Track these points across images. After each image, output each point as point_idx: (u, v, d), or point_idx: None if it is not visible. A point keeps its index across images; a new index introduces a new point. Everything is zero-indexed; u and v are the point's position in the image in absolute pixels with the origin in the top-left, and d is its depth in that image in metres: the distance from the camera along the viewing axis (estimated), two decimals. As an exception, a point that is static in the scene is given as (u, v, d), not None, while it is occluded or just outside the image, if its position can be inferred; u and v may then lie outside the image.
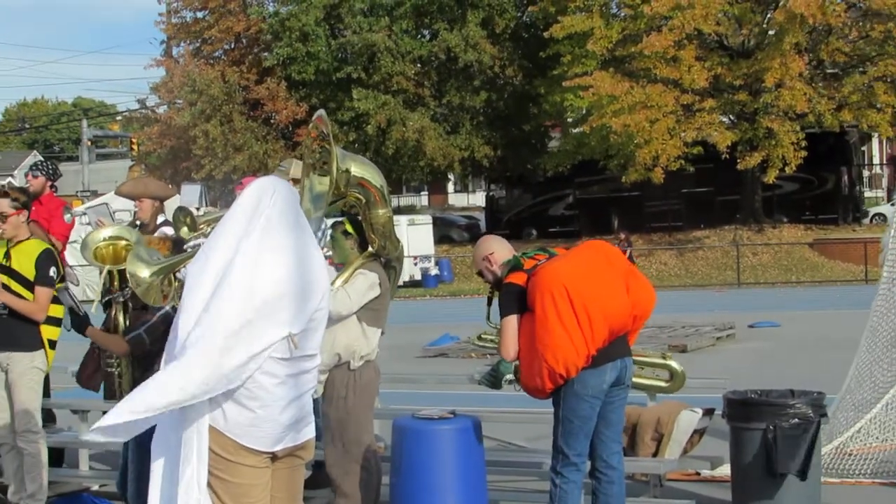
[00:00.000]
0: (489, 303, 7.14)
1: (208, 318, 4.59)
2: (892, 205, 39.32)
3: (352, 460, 7.50)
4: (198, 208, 26.17)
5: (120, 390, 7.82)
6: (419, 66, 46.46)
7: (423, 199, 70.33)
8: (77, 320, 7.76)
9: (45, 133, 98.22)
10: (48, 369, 8.78)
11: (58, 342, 8.79)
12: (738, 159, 38.82)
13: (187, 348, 4.61)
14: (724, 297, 32.95)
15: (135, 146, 53.25)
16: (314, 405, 5.21)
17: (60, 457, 10.21)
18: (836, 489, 8.77)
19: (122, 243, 8.04)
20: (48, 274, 8.36)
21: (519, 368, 6.86)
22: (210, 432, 4.67)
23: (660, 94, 37.78)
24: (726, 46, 41.38)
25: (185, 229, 8.33)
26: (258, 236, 4.72)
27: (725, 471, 8.71)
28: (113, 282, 8.45)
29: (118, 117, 71.13)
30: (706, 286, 37.21)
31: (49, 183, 10.91)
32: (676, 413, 8.74)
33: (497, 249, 7.03)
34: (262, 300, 4.62)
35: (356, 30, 44.98)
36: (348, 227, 7.75)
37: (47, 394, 9.86)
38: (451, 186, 71.43)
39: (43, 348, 8.51)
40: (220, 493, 4.72)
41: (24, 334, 8.37)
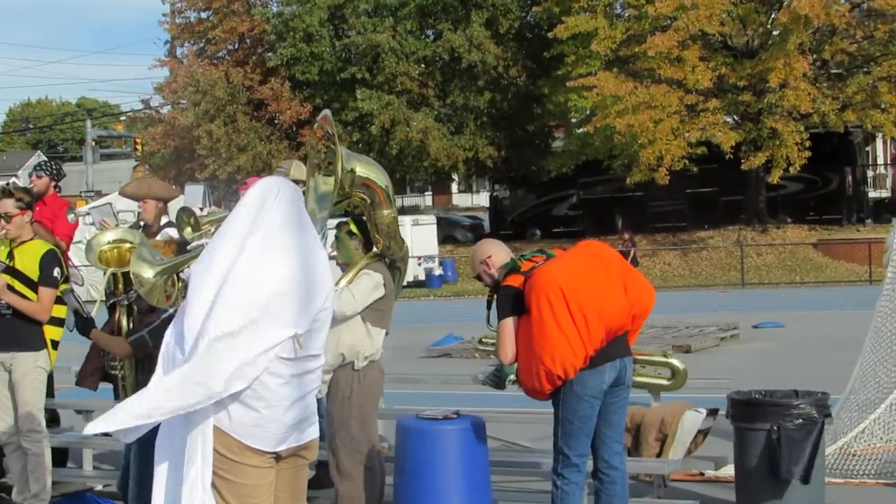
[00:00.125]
0: (489, 306, 7.13)
1: (213, 319, 4.59)
2: None
3: (355, 460, 7.50)
4: (201, 208, 26.10)
5: (124, 392, 7.82)
6: (423, 66, 46.41)
7: (427, 200, 70.29)
8: (81, 322, 7.75)
9: (48, 133, 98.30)
10: (51, 369, 8.79)
11: (60, 342, 8.80)
12: (742, 159, 38.78)
13: (193, 351, 4.61)
14: (728, 297, 32.94)
15: (139, 146, 53.22)
16: (318, 405, 5.21)
17: (64, 457, 10.22)
18: (840, 489, 8.77)
19: (126, 246, 8.03)
20: (52, 274, 8.37)
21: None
22: (214, 433, 4.67)
23: (664, 95, 37.75)
24: (730, 47, 41.35)
25: (188, 229, 8.33)
26: (262, 236, 4.72)
27: (729, 471, 8.70)
28: (117, 284, 8.45)
29: (122, 117, 71.07)
30: (710, 286, 37.21)
31: (53, 183, 10.90)
32: (680, 413, 8.75)
33: (494, 253, 7.02)
34: (266, 300, 4.62)
35: (360, 30, 44.94)
36: (353, 228, 7.74)
37: (51, 394, 9.88)
38: (454, 187, 71.42)
39: (46, 348, 8.52)
40: (225, 494, 4.72)
41: (27, 334, 8.38)
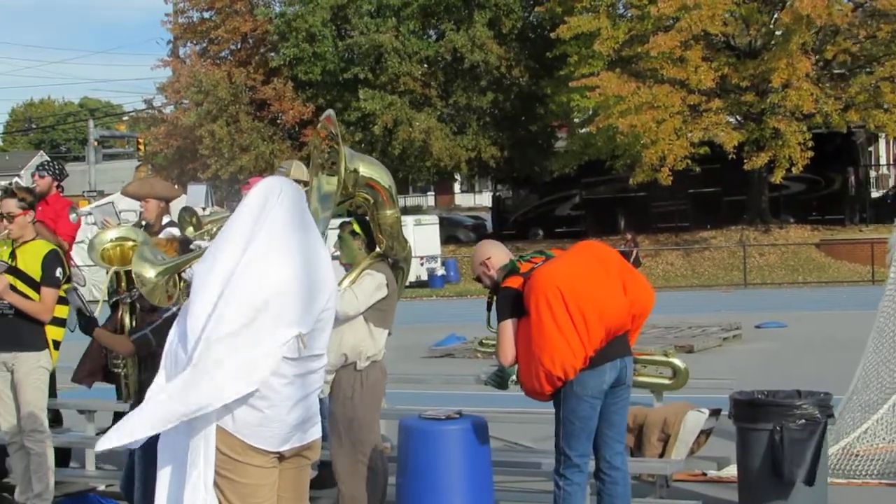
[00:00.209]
0: (489, 307, 7.11)
1: (216, 319, 4.59)
2: None
3: (358, 460, 7.49)
4: (204, 208, 26.18)
5: (126, 390, 7.82)
6: (426, 66, 46.38)
7: (430, 200, 70.29)
8: (84, 321, 7.74)
9: (51, 133, 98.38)
10: (52, 369, 8.79)
11: (62, 343, 8.80)
12: (744, 160, 38.77)
13: (197, 352, 4.61)
14: (731, 297, 32.94)
15: (141, 146, 53.26)
16: (320, 405, 5.20)
17: (67, 457, 10.21)
18: (842, 490, 8.77)
19: (129, 244, 8.02)
20: (54, 274, 8.37)
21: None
22: (218, 432, 4.67)
23: (666, 95, 37.74)
24: (733, 47, 41.34)
25: (190, 229, 8.33)
26: (265, 236, 4.72)
27: (732, 471, 8.70)
28: (120, 283, 8.44)
29: (125, 117, 71.09)
30: (713, 287, 37.19)
31: (55, 183, 10.91)
32: (683, 414, 8.74)
33: (494, 254, 7.01)
34: (269, 300, 4.63)
35: (363, 30, 44.92)
36: (356, 228, 7.74)
37: (53, 394, 9.88)
38: (457, 187, 71.46)
39: (48, 348, 8.52)
40: (228, 493, 4.72)
41: (29, 334, 8.38)
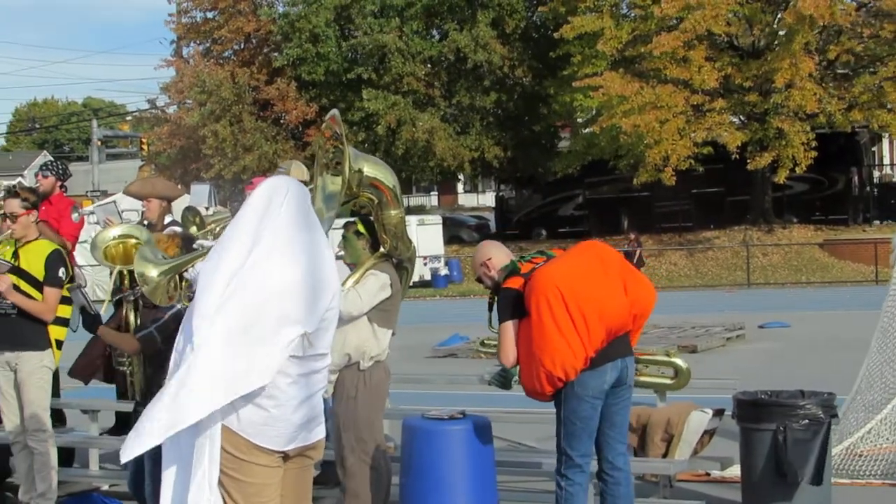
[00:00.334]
0: (490, 308, 7.10)
1: (223, 319, 4.60)
2: None
3: (361, 460, 7.49)
4: (207, 208, 26.14)
5: (132, 388, 7.81)
6: (429, 66, 46.38)
7: (433, 200, 70.34)
8: (89, 319, 7.74)
9: (55, 133, 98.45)
10: (55, 369, 8.80)
11: (64, 342, 8.81)
12: (748, 159, 38.75)
13: (202, 351, 4.61)
14: (734, 297, 32.91)
15: (145, 146, 53.30)
16: (324, 405, 5.20)
17: (70, 456, 10.22)
18: (846, 490, 8.76)
19: (131, 242, 8.03)
20: (57, 274, 8.38)
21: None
22: (223, 432, 4.68)
23: (670, 95, 37.71)
24: (736, 47, 41.32)
25: (193, 229, 8.34)
26: (271, 236, 4.73)
27: (735, 472, 8.69)
28: (123, 280, 8.46)
29: (128, 117, 71.20)
30: (716, 286, 37.19)
31: (59, 183, 10.92)
32: (686, 414, 8.74)
33: (494, 255, 7.01)
34: (275, 299, 4.64)
35: (366, 31, 44.92)
36: (360, 228, 7.73)
37: (57, 394, 9.89)
38: (460, 187, 71.44)
39: (51, 348, 8.53)
40: (233, 493, 4.72)
41: (32, 334, 8.39)
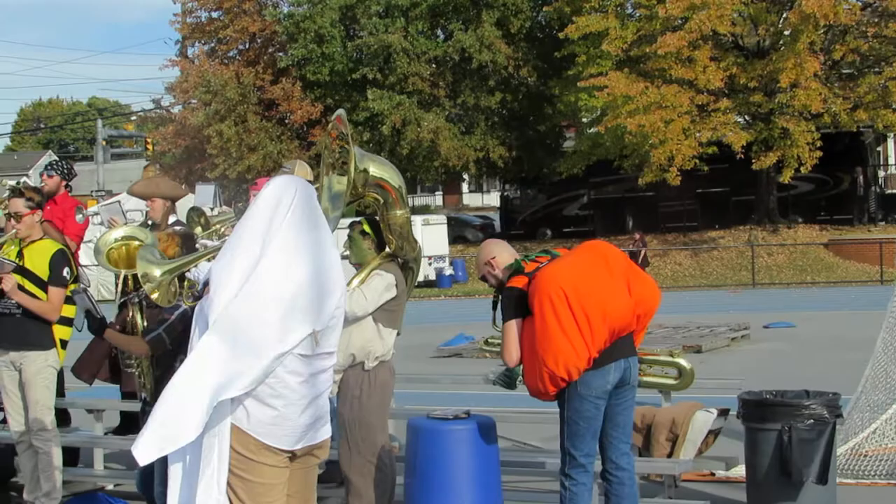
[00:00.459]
0: (494, 306, 7.07)
1: (236, 318, 4.61)
2: None
3: (366, 460, 7.49)
4: (212, 208, 26.20)
5: (143, 389, 7.78)
6: (434, 66, 46.35)
7: (438, 200, 70.37)
8: (95, 324, 7.66)
9: (60, 133, 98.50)
10: (59, 368, 8.80)
11: (69, 342, 8.81)
12: (753, 159, 38.74)
13: (216, 349, 4.61)
14: (739, 297, 32.91)
15: (149, 146, 53.27)
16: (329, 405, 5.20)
17: (75, 456, 10.22)
18: (851, 490, 8.76)
19: (134, 244, 8.00)
20: (62, 274, 8.38)
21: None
22: (233, 431, 4.69)
23: (675, 95, 37.70)
24: (741, 47, 41.29)
25: (198, 229, 8.34)
26: (281, 235, 4.75)
27: (740, 471, 8.69)
28: (128, 282, 8.45)
29: (133, 117, 71.27)
30: (721, 286, 37.17)
31: (64, 183, 10.92)
32: (691, 414, 8.74)
33: (499, 253, 6.99)
34: (286, 299, 4.66)
35: (372, 31, 44.90)
36: (366, 228, 7.72)
37: (62, 393, 9.88)
38: (465, 186, 71.46)
39: (55, 347, 8.53)
40: (240, 493, 4.73)
41: (37, 334, 8.39)
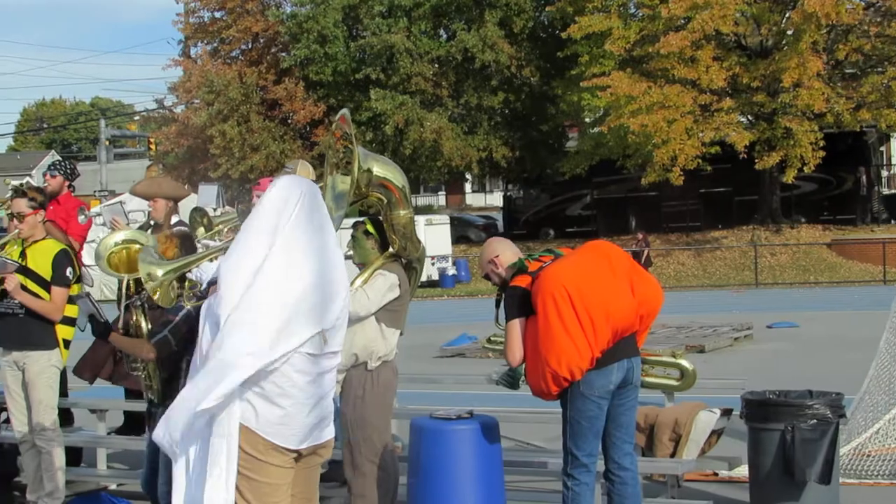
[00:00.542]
0: (497, 305, 7.05)
1: (244, 319, 4.63)
2: None
3: (368, 460, 7.48)
4: (215, 209, 26.11)
5: (150, 391, 7.77)
6: (437, 66, 46.32)
7: (441, 199, 70.43)
8: (99, 327, 7.60)
9: (62, 133, 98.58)
10: (62, 368, 8.80)
11: (72, 342, 8.81)
12: (756, 159, 38.72)
13: (226, 351, 4.62)
14: (742, 297, 32.88)
15: (152, 146, 53.30)
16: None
17: (78, 456, 10.23)
18: (854, 490, 8.76)
19: (134, 247, 7.97)
20: (64, 274, 8.39)
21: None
22: (241, 431, 4.70)
23: (677, 95, 37.68)
24: (744, 46, 41.26)
25: (201, 230, 8.33)
26: (288, 235, 4.77)
27: (743, 471, 8.69)
28: (129, 287, 8.45)
29: (136, 117, 71.19)
30: (724, 286, 37.14)
31: (67, 183, 10.92)
32: (694, 414, 8.74)
33: (502, 252, 6.99)
34: (296, 299, 4.68)
35: (375, 31, 44.87)
36: (369, 228, 7.72)
37: (65, 393, 9.89)
38: (468, 186, 71.50)
39: (58, 347, 8.53)
40: (245, 493, 4.74)
41: (40, 333, 8.40)
